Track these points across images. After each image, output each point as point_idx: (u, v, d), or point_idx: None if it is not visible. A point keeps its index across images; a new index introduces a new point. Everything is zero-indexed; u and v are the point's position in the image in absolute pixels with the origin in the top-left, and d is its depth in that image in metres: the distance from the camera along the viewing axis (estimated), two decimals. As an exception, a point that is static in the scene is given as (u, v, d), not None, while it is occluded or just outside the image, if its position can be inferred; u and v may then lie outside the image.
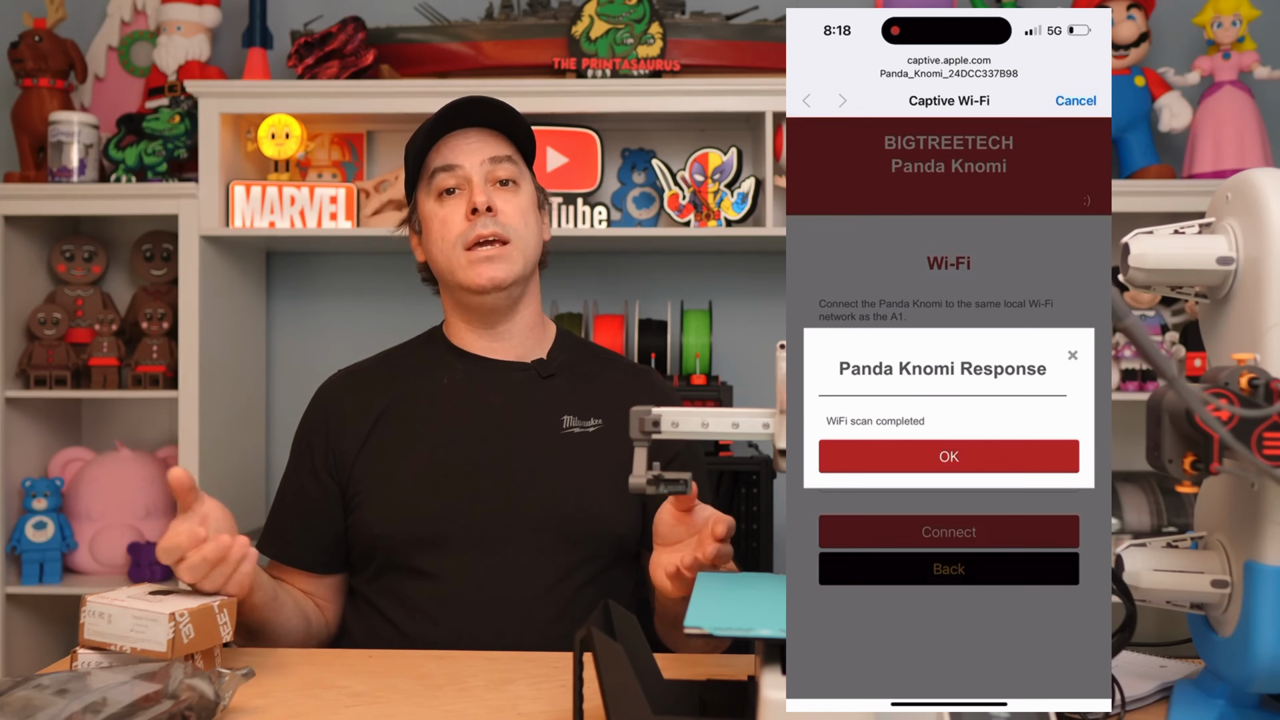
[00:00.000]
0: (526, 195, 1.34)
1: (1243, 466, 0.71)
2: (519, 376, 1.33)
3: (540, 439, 1.28)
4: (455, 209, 1.30)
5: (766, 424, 0.80)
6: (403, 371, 1.36)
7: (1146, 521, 2.11)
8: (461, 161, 1.30)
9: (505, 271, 1.28)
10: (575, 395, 1.33)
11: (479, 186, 1.29)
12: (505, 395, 1.31)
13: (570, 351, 1.39)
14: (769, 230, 2.10)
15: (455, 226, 1.29)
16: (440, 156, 1.32)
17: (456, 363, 1.35)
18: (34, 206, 2.15)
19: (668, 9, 2.26)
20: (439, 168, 1.31)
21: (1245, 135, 2.10)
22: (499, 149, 1.32)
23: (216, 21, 2.32)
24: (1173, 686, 0.93)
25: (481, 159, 1.31)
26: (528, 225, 1.32)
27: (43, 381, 2.17)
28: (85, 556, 2.20)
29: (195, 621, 0.93)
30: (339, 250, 2.42)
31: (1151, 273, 0.85)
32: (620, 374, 1.39)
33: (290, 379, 2.44)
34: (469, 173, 1.30)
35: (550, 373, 1.34)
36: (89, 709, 0.77)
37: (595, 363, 1.40)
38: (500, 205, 1.29)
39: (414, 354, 1.39)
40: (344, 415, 1.31)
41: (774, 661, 0.70)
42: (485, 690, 0.98)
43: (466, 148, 1.31)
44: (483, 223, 1.28)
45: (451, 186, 1.31)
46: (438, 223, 1.31)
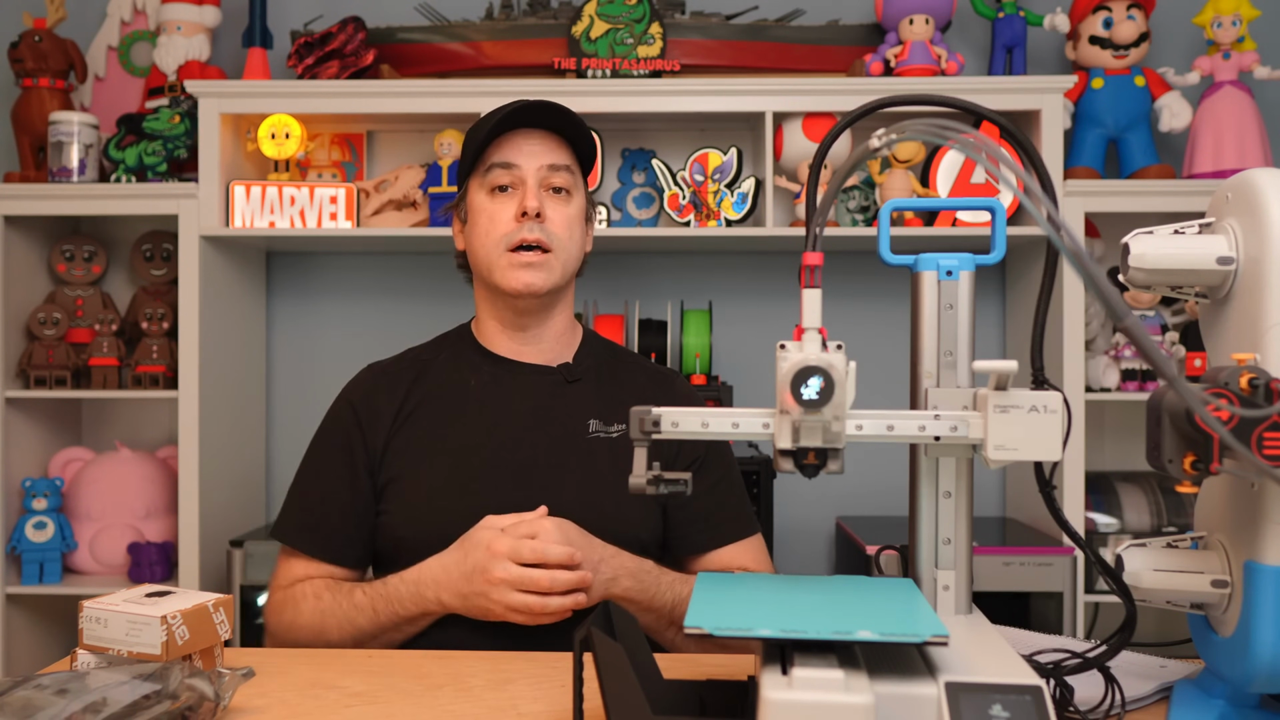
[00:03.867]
0: (577, 206, 1.34)
1: (1243, 466, 0.71)
2: (545, 380, 1.33)
3: (566, 443, 1.28)
4: (505, 208, 1.30)
5: (766, 424, 0.80)
6: (432, 371, 1.36)
7: (1146, 521, 2.11)
8: (520, 162, 1.30)
9: (543, 280, 1.28)
10: (600, 399, 1.33)
11: (533, 190, 1.29)
12: (532, 399, 1.31)
13: (596, 355, 1.39)
14: (769, 230, 2.10)
15: (502, 225, 1.29)
16: (500, 152, 1.31)
17: (484, 364, 1.34)
18: (34, 206, 2.15)
19: (668, 9, 2.26)
20: (497, 163, 1.31)
21: (1245, 135, 2.10)
22: (559, 157, 1.32)
23: (216, 21, 2.32)
24: (1173, 686, 0.93)
25: (540, 164, 1.30)
26: (572, 237, 1.32)
27: (43, 381, 2.17)
28: (85, 556, 2.20)
29: (190, 622, 0.93)
30: (339, 250, 2.42)
31: (1151, 273, 0.85)
32: (645, 378, 1.39)
33: (290, 379, 2.44)
34: (525, 174, 1.30)
35: (576, 377, 1.34)
36: (89, 709, 0.77)
37: (620, 366, 1.40)
38: (550, 213, 1.29)
39: (443, 352, 1.39)
40: (375, 412, 1.31)
41: (774, 661, 0.70)
42: (485, 690, 0.98)
43: (528, 149, 1.31)
44: (529, 227, 1.28)
45: (506, 184, 1.31)
46: (485, 217, 1.31)
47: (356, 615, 1.21)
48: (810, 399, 0.74)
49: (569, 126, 1.33)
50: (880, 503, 2.32)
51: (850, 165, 0.77)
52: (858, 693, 0.65)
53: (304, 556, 1.29)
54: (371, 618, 1.21)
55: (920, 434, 0.80)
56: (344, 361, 1.45)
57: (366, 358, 1.44)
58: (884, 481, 2.25)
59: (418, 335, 1.47)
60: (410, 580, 1.19)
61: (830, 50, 2.28)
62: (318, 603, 1.24)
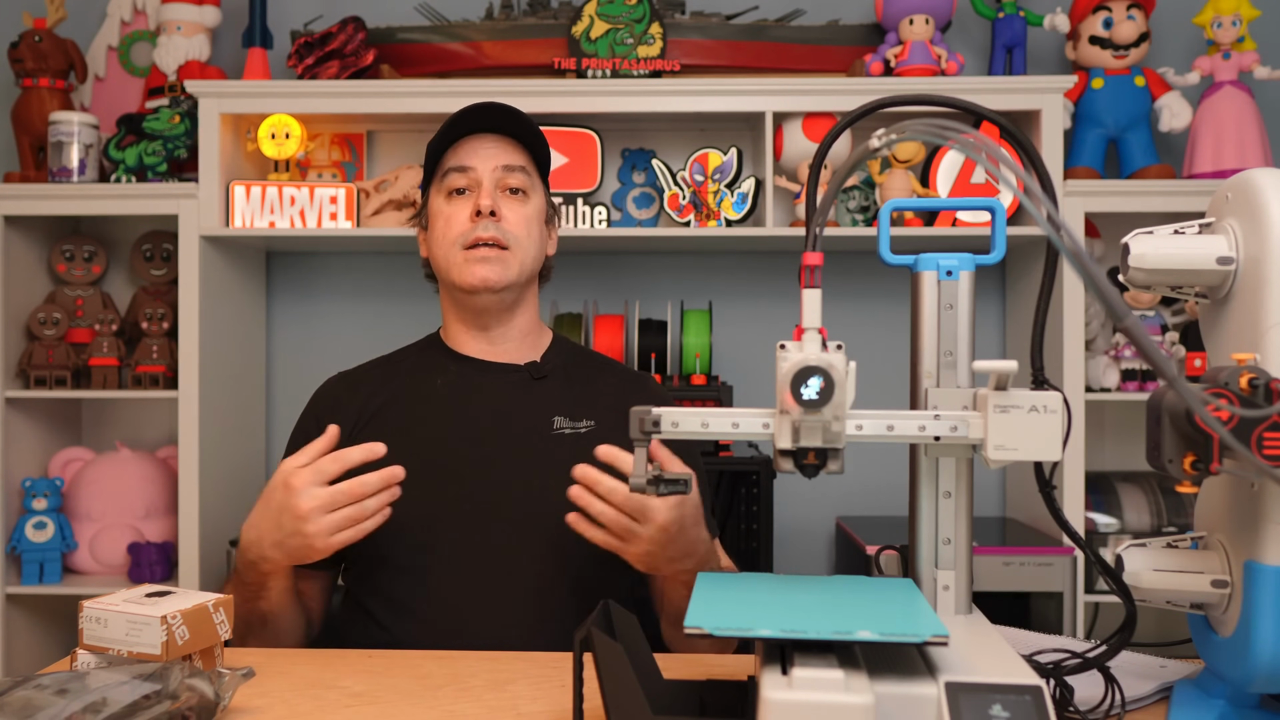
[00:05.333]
0: (535, 206, 1.36)
1: (1243, 466, 0.71)
2: (511, 378, 1.35)
3: (530, 439, 1.29)
4: (461, 209, 1.32)
5: (766, 424, 0.80)
6: (399, 374, 1.37)
7: (1146, 521, 2.11)
8: (475, 164, 1.33)
9: (498, 274, 1.30)
10: (567, 396, 1.34)
11: (487, 190, 1.32)
12: (496, 396, 1.33)
13: (565, 356, 1.40)
14: (769, 230, 2.10)
15: (458, 226, 1.32)
16: (455, 157, 1.34)
17: (451, 364, 1.36)
18: (34, 206, 2.15)
19: (668, 9, 2.26)
20: (452, 167, 1.34)
21: (1245, 135, 2.10)
22: (513, 158, 1.35)
23: (216, 21, 2.32)
24: (1173, 686, 0.93)
25: (495, 165, 1.33)
26: (530, 235, 1.34)
27: (43, 381, 2.17)
28: (85, 556, 2.20)
29: (189, 622, 0.93)
30: (339, 250, 2.42)
31: (1151, 273, 0.85)
32: (615, 378, 1.40)
33: (290, 379, 2.44)
34: (480, 176, 1.32)
35: (543, 374, 1.35)
36: (89, 709, 0.77)
37: (590, 366, 1.41)
38: (505, 212, 1.32)
39: (410, 357, 1.41)
40: (339, 414, 1.32)
41: (774, 661, 0.71)
42: (485, 690, 0.98)
43: (483, 151, 1.33)
44: (484, 226, 1.30)
45: (462, 186, 1.33)
46: (442, 220, 1.34)
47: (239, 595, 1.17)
48: (810, 399, 0.74)
49: (523, 130, 1.35)
50: (880, 503, 2.32)
51: (850, 165, 0.77)
52: (858, 693, 0.65)
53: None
54: (244, 592, 1.18)
55: (920, 434, 0.80)
56: (344, 361, 1.45)
57: (366, 358, 1.45)
58: (884, 481, 2.25)
59: (417, 335, 1.48)
60: (242, 549, 1.17)
61: (830, 50, 2.28)
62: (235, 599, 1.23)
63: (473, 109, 1.33)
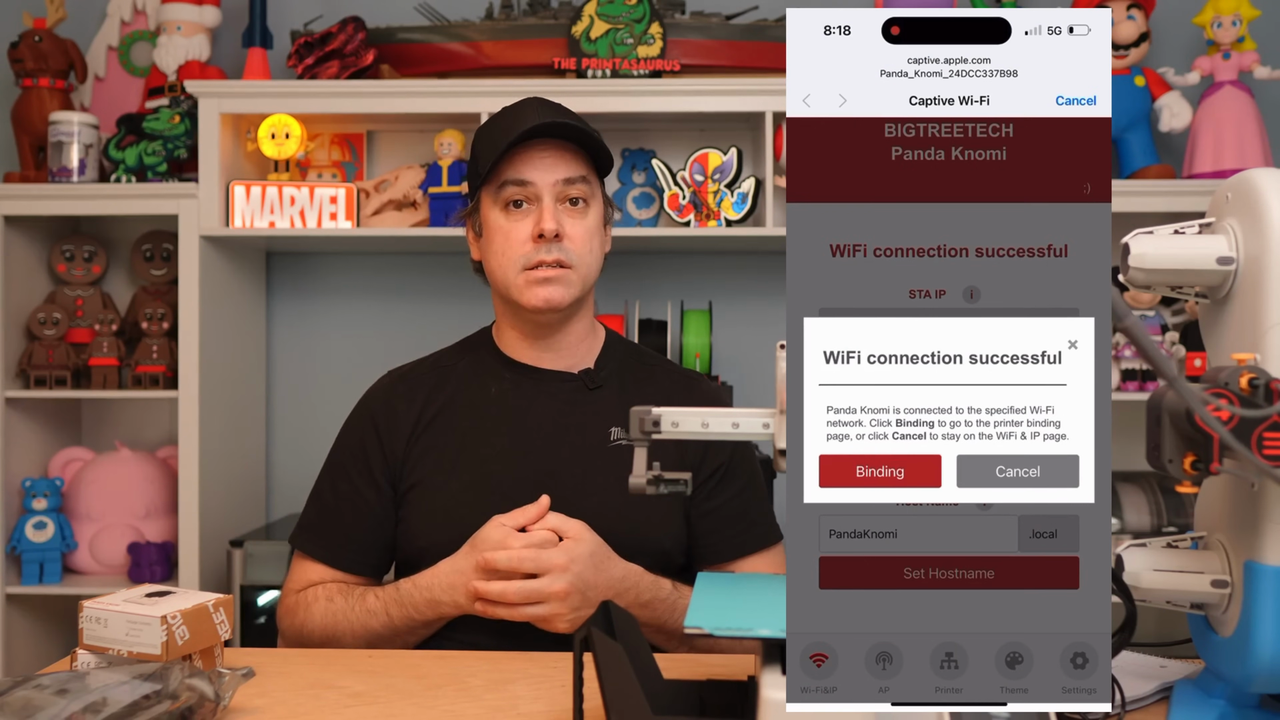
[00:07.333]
0: (595, 215, 1.30)
1: (1243, 466, 0.71)
2: (566, 387, 1.31)
3: (588, 452, 1.27)
4: (521, 226, 1.26)
5: (766, 424, 0.80)
6: (452, 378, 1.34)
7: (1146, 521, 2.11)
8: (535, 179, 1.26)
9: (562, 294, 1.25)
10: (623, 407, 1.29)
11: (549, 209, 1.25)
12: (553, 407, 1.30)
13: (619, 360, 1.36)
14: (769, 230, 2.10)
15: (519, 246, 1.26)
16: (513, 169, 1.26)
17: (505, 372, 1.32)
18: (34, 206, 2.15)
19: (668, 9, 2.26)
20: (510, 180, 1.26)
21: (1245, 135, 2.10)
22: (573, 169, 1.27)
23: (216, 21, 2.32)
24: (1173, 686, 0.93)
25: (555, 179, 1.26)
26: (591, 250, 1.29)
27: (43, 381, 2.17)
28: (85, 556, 2.20)
29: (189, 622, 0.93)
30: (339, 250, 2.42)
31: (1151, 273, 0.85)
32: (670, 382, 1.37)
33: (290, 379, 2.44)
34: (540, 190, 1.26)
35: (598, 384, 1.32)
36: (89, 709, 0.77)
37: (644, 370, 1.37)
38: (568, 229, 1.26)
39: (463, 359, 1.37)
40: (395, 418, 1.30)
41: (774, 661, 0.70)
42: (485, 690, 0.98)
43: (542, 164, 1.26)
44: (547, 249, 1.24)
45: (520, 199, 1.26)
46: (501, 236, 1.27)
47: (369, 619, 1.21)
48: (810, 399, 0.74)
49: (582, 135, 1.28)
50: (880, 503, 2.32)
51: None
52: (858, 693, 0.65)
53: (317, 562, 1.29)
54: (385, 621, 1.20)
55: (920, 434, 0.80)
56: (344, 361, 1.45)
57: (366, 358, 1.44)
58: (884, 481, 2.25)
59: (418, 335, 1.47)
60: (423, 585, 1.19)
61: (830, 50, 2.28)
62: (329, 605, 1.23)
63: (529, 118, 1.25)
